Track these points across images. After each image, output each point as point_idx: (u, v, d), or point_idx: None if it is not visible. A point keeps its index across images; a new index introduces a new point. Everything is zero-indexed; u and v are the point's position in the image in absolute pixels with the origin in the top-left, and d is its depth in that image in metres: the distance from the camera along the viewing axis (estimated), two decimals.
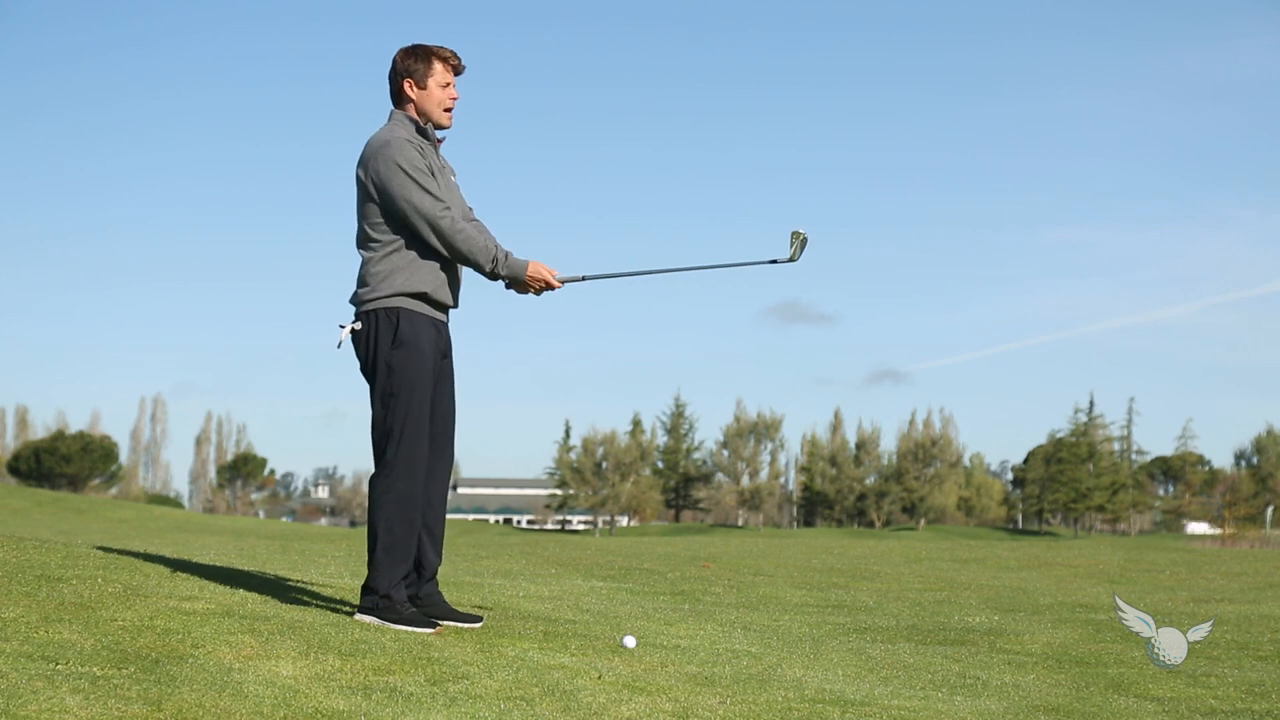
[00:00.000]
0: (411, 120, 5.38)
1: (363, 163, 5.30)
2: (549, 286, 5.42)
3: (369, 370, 5.33)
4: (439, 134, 5.47)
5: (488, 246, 5.28)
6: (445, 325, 5.47)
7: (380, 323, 5.27)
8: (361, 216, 5.34)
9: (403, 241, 5.27)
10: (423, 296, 5.29)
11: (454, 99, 5.43)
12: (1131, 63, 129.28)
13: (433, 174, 5.28)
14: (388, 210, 5.25)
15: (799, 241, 5.54)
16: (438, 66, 5.38)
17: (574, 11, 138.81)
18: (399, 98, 5.42)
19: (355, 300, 5.36)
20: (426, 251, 5.30)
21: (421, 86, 5.37)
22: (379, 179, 5.23)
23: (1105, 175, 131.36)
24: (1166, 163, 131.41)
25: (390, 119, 5.41)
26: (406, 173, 5.19)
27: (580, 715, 3.99)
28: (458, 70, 5.44)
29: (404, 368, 5.25)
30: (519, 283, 5.38)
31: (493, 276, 5.35)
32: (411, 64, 5.37)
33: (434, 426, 5.42)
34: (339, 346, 5.36)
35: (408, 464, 5.26)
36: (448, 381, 5.51)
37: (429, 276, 5.31)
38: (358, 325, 5.32)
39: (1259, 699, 5.18)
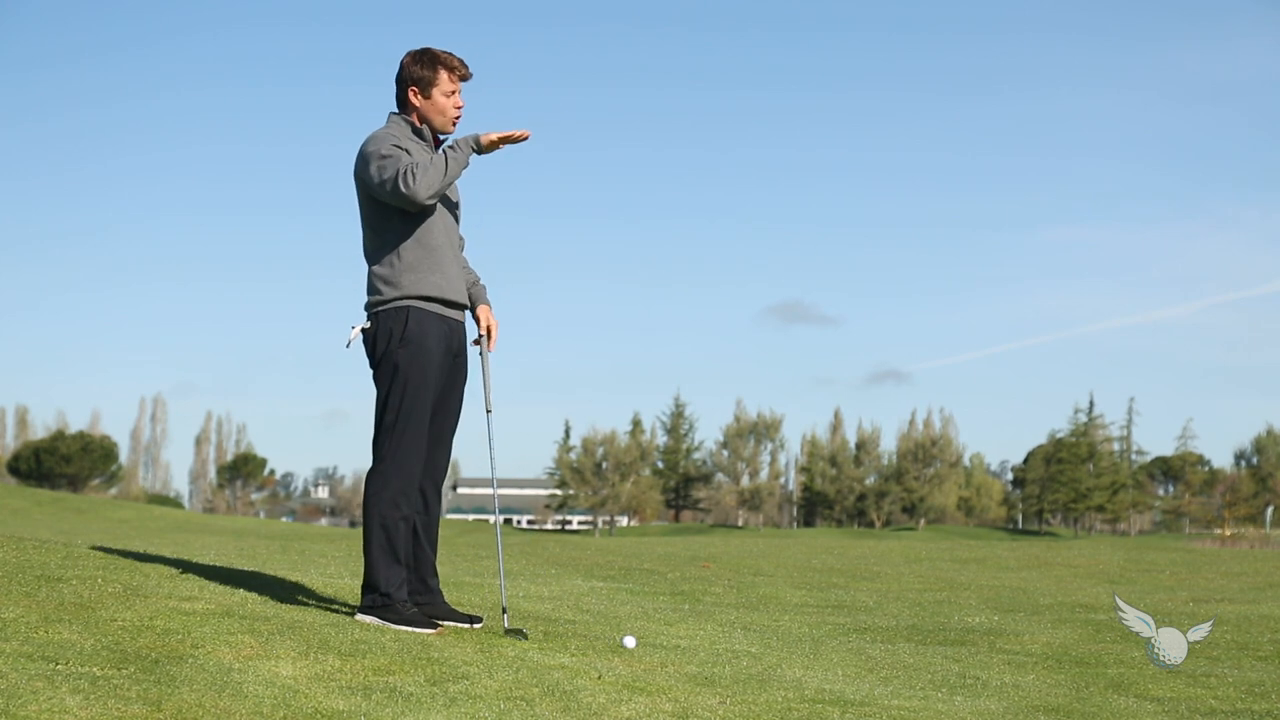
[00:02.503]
0: (408, 123, 5.37)
1: (356, 162, 5.31)
2: (507, 139, 5.25)
3: (375, 366, 5.34)
4: (442, 137, 5.46)
5: (444, 160, 5.17)
6: (459, 325, 5.48)
7: (389, 321, 5.28)
8: (363, 222, 5.35)
9: (404, 244, 5.27)
10: (430, 298, 5.31)
11: (459, 108, 5.40)
12: (1131, 63, 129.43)
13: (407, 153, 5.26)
14: (376, 200, 5.26)
15: (515, 632, 5.48)
16: (444, 75, 5.34)
17: (574, 11, 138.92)
18: (402, 104, 5.40)
19: (366, 307, 5.38)
20: (428, 253, 5.30)
21: (426, 96, 5.35)
22: (360, 174, 5.25)
23: (1105, 175, 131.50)
24: (1166, 163, 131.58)
25: (388, 121, 5.40)
26: (380, 154, 5.18)
27: (580, 715, 3.99)
28: (464, 78, 5.40)
29: (408, 366, 5.25)
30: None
31: (468, 164, 5.24)
32: (417, 71, 5.34)
33: (436, 425, 5.43)
34: (348, 346, 5.37)
35: (405, 462, 5.26)
36: (458, 381, 5.52)
37: (434, 278, 5.31)
38: (367, 325, 5.34)
39: (1259, 699, 5.18)
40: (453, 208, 5.50)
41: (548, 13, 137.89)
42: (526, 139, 5.25)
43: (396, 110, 5.42)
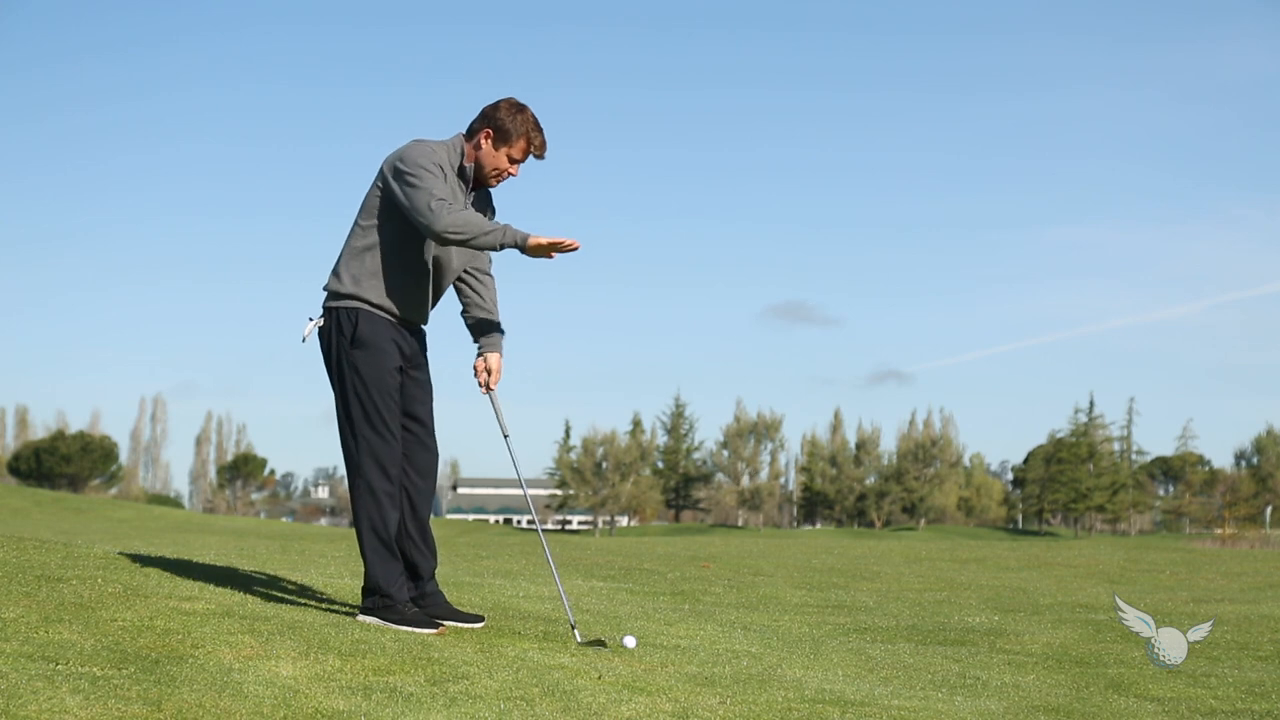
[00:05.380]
0: (460, 154, 5.34)
1: (390, 160, 5.26)
2: (557, 246, 5.12)
3: (330, 370, 5.32)
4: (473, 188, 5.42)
5: (483, 223, 5.12)
6: (412, 335, 5.42)
7: (340, 321, 5.26)
8: (359, 209, 5.34)
9: (384, 247, 5.25)
10: (384, 308, 5.28)
11: (510, 175, 5.39)
12: (1131, 63, 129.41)
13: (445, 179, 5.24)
14: (387, 201, 5.23)
15: (592, 640, 5.37)
16: (521, 143, 5.32)
17: (574, 12, 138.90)
18: (471, 134, 5.37)
19: (325, 289, 5.35)
20: (402, 271, 5.28)
21: (495, 146, 5.32)
22: (396, 170, 5.19)
23: (1105, 175, 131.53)
24: (1168, 163, 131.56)
25: (452, 137, 5.37)
26: (425, 168, 5.17)
27: (580, 715, 3.99)
28: (537, 157, 5.38)
29: (364, 366, 5.23)
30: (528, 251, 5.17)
31: (500, 248, 5.16)
32: (505, 122, 5.29)
33: (413, 428, 5.41)
34: (304, 340, 5.36)
35: (381, 462, 5.24)
36: (424, 384, 5.47)
37: (396, 292, 5.28)
38: (321, 321, 5.33)
39: (1259, 699, 5.18)
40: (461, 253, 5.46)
41: (547, 13, 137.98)
42: (576, 249, 5.13)
43: (465, 134, 5.38)
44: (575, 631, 5.47)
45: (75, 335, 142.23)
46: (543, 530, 5.87)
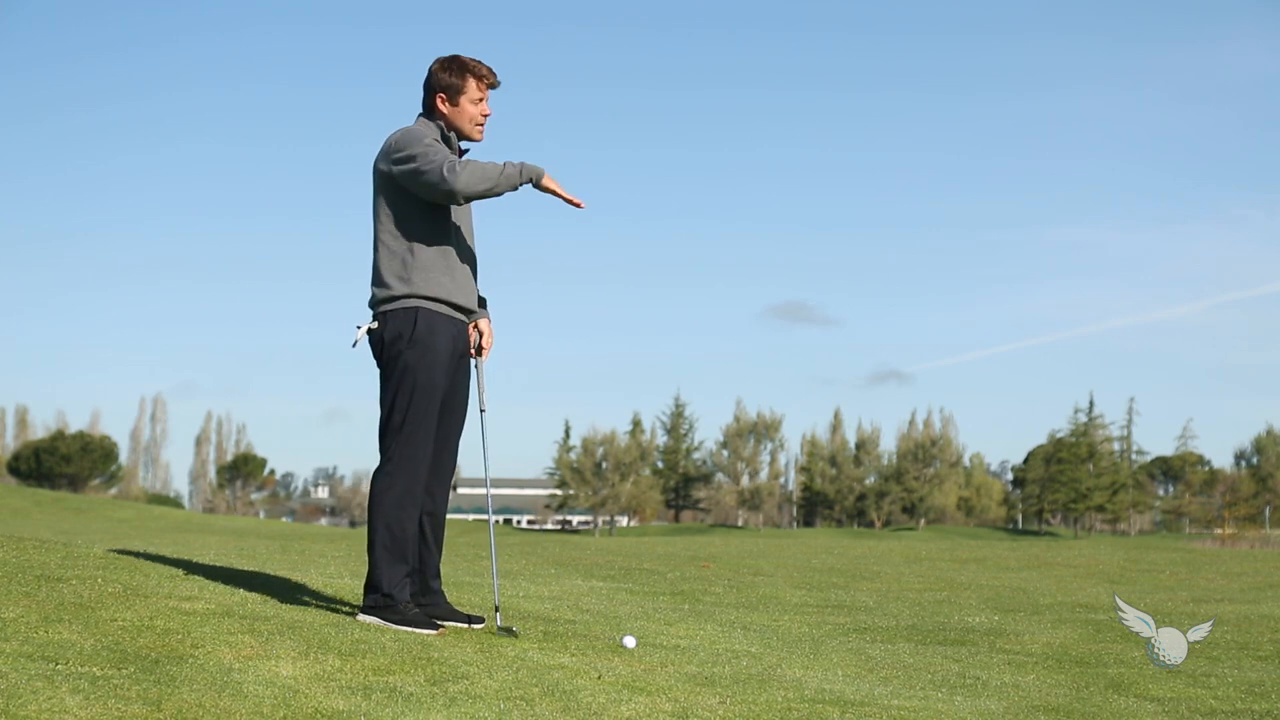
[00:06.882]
0: (438, 127, 5.37)
1: (382, 154, 5.29)
2: (561, 196, 5.37)
3: (382, 366, 5.33)
4: (464, 144, 5.46)
5: (494, 167, 5.18)
6: (465, 326, 5.48)
7: (398, 320, 5.26)
8: (375, 217, 5.34)
9: (418, 240, 5.27)
10: (440, 299, 5.30)
11: (485, 115, 5.41)
12: (1131, 63, 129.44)
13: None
14: (396, 194, 5.25)
15: (506, 630, 5.48)
16: (472, 83, 5.35)
17: (573, 12, 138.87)
18: (429, 110, 5.40)
19: (372, 303, 5.36)
20: (442, 255, 5.30)
21: (454, 103, 5.35)
22: (393, 162, 5.22)
23: (1107, 175, 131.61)
24: (1168, 163, 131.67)
25: (416, 121, 5.40)
26: (423, 142, 5.20)
27: (580, 715, 3.99)
28: (492, 86, 5.41)
29: (417, 366, 5.25)
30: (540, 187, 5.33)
31: (519, 187, 5.26)
32: (446, 78, 5.34)
33: (443, 427, 5.43)
34: (354, 346, 5.36)
35: (411, 462, 5.26)
36: (463, 383, 5.52)
37: (446, 280, 5.31)
38: (374, 325, 5.33)
39: (1259, 699, 5.18)
40: (469, 217, 5.50)
41: (547, 13, 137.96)
42: (579, 208, 5.41)
43: (424, 114, 5.42)
44: (497, 615, 5.57)
45: (75, 335, 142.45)
46: (500, 521, 5.98)
